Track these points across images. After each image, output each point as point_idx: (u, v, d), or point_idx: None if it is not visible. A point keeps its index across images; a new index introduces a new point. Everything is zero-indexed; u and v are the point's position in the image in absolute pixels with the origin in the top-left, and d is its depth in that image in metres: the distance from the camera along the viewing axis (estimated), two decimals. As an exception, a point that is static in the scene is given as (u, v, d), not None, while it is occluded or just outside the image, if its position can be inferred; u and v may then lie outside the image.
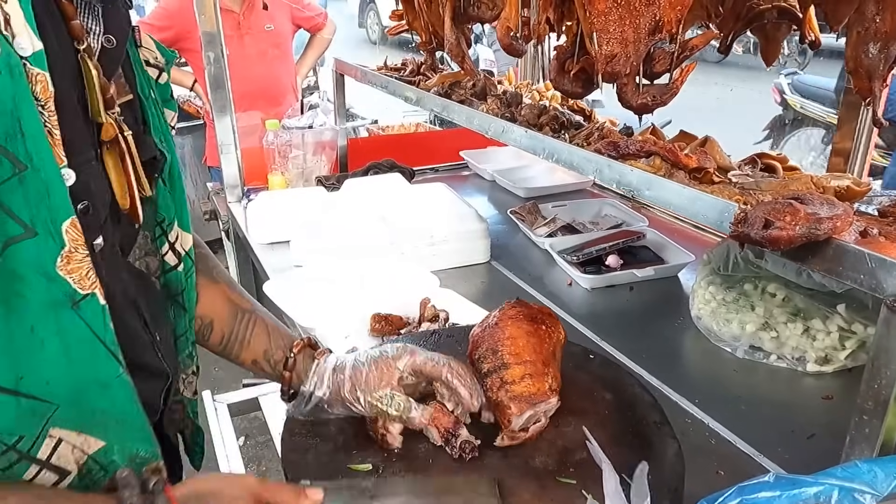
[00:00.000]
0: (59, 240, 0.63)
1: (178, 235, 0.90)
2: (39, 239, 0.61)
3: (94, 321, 0.67)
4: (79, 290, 0.65)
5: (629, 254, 1.87)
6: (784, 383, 1.38)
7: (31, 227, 0.60)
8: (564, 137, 1.49)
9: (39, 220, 0.61)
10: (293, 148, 2.36)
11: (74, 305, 0.65)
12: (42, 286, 0.62)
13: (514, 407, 0.95)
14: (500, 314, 1.07)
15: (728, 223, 0.85)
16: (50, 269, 0.63)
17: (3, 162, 0.58)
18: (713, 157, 1.27)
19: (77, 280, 0.65)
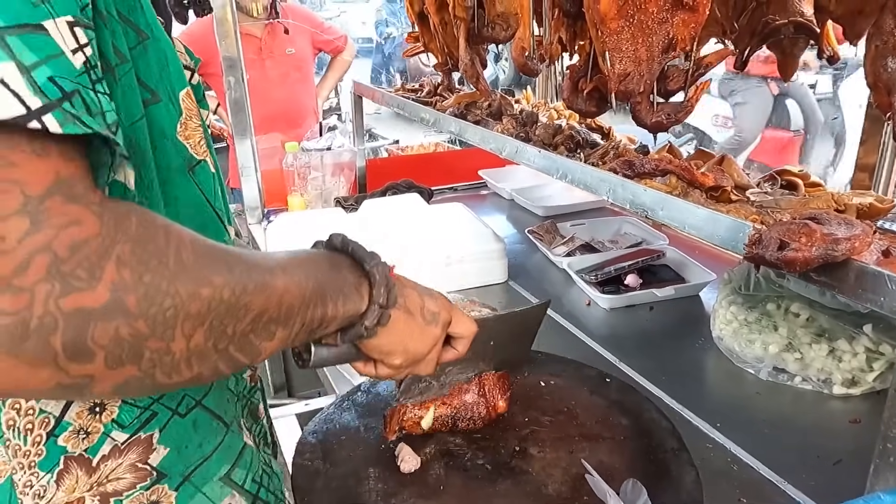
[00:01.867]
0: (177, 106, 0.67)
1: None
2: (162, 105, 0.65)
3: (206, 186, 0.71)
4: (194, 156, 0.69)
5: (649, 273, 1.84)
6: (809, 406, 1.34)
7: (156, 92, 0.64)
8: (579, 157, 1.48)
9: (161, 87, 0.65)
10: (312, 169, 2.38)
11: (190, 171, 0.69)
12: (168, 149, 0.67)
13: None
14: None
15: (742, 244, 0.83)
16: (172, 134, 0.67)
17: (129, 31, 0.61)
18: (731, 175, 1.25)
19: (192, 146, 0.69)
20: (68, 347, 0.43)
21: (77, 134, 0.45)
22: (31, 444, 0.65)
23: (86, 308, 0.43)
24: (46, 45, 0.45)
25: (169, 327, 0.48)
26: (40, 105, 0.43)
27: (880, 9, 1.08)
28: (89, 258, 0.44)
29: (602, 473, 0.95)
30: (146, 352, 0.47)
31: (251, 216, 2.45)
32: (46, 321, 0.42)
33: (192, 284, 0.49)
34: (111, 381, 0.47)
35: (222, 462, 0.76)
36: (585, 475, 0.90)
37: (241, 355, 0.56)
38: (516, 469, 0.97)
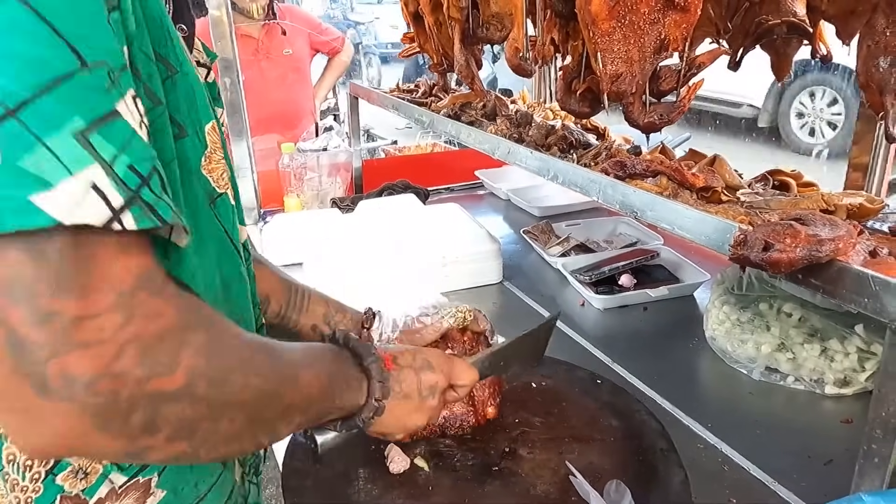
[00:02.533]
0: (203, 140, 0.67)
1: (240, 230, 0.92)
2: (189, 139, 0.65)
3: (226, 219, 0.71)
4: (216, 189, 0.69)
5: (643, 273, 1.84)
6: (801, 406, 1.34)
7: (184, 127, 0.64)
8: (572, 157, 1.48)
9: (189, 121, 0.65)
10: (308, 170, 2.38)
11: (212, 203, 0.69)
12: (193, 183, 0.66)
13: None
14: None
15: (729, 245, 0.83)
16: (197, 167, 0.67)
17: (161, 67, 0.60)
18: (722, 176, 1.25)
19: (215, 179, 0.69)
20: (143, 423, 0.49)
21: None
22: (30, 481, 0.64)
23: (164, 391, 0.49)
24: (122, 131, 0.48)
25: (223, 410, 0.55)
26: (122, 203, 0.47)
27: (872, 8, 1.09)
28: (171, 346, 0.50)
29: (591, 475, 0.95)
30: (199, 430, 0.53)
31: (247, 217, 2.44)
32: (133, 402, 0.48)
33: (247, 374, 0.56)
34: (165, 452, 0.52)
35: (215, 500, 0.75)
36: (570, 477, 0.90)
37: (265, 438, 0.65)
38: (505, 470, 0.98)
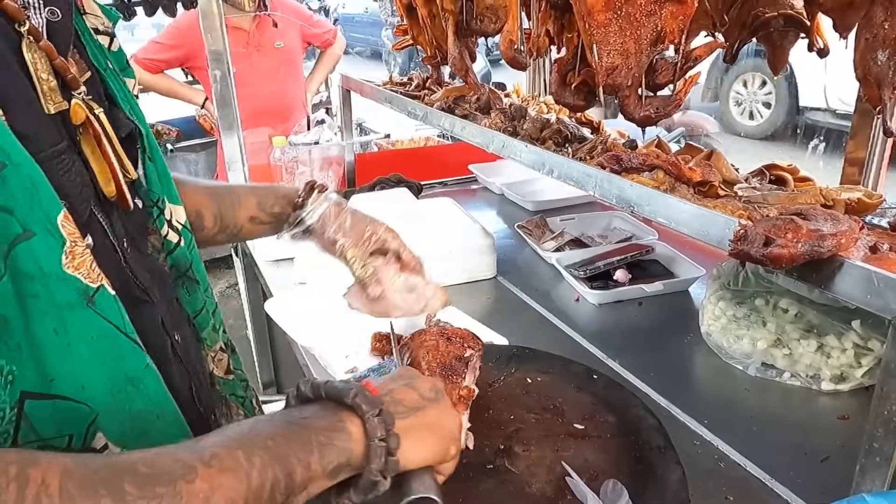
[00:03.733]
0: (58, 236, 0.58)
1: (172, 211, 0.85)
2: (38, 239, 0.57)
3: (111, 313, 0.63)
4: (90, 285, 0.61)
5: (638, 268, 1.83)
6: (798, 402, 1.33)
7: (27, 228, 0.56)
8: (567, 151, 1.47)
9: (33, 218, 0.56)
10: (300, 164, 2.36)
11: (90, 302, 0.61)
12: (54, 287, 0.58)
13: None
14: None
15: (728, 240, 0.82)
16: (57, 268, 0.58)
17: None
18: (719, 170, 1.24)
19: (85, 275, 0.61)
20: None
21: None
22: None
23: None
24: None
25: None
26: None
27: (870, 1, 1.07)
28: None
29: (587, 472, 0.94)
30: None
31: (239, 211, 2.42)
32: None
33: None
34: None
35: None
36: (566, 477, 0.89)
37: None
38: (500, 468, 0.96)
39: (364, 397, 0.63)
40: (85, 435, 0.61)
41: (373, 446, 0.62)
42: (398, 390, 0.71)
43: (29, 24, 0.61)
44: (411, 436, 0.66)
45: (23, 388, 0.56)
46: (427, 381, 0.75)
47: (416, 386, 0.72)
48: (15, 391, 0.56)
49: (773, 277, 1.44)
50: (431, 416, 0.70)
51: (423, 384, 0.73)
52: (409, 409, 0.68)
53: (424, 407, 0.70)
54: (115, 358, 0.63)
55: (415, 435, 0.67)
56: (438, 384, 0.76)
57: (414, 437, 0.66)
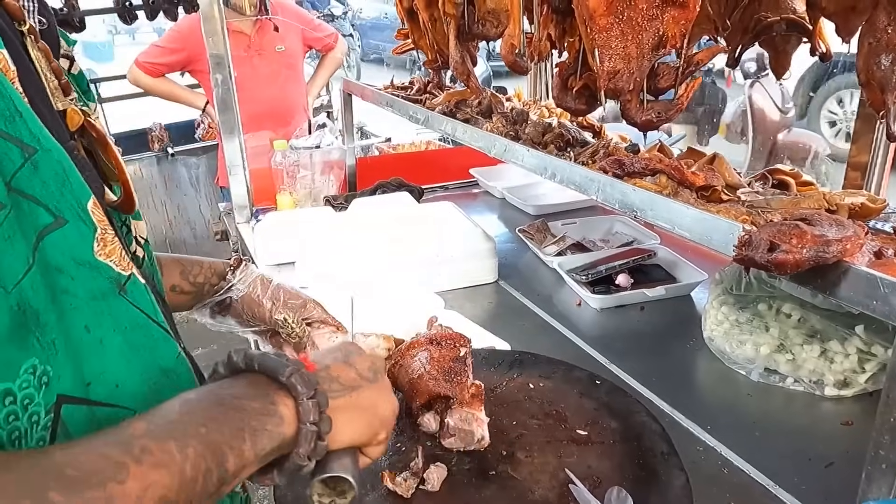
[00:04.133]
0: (90, 222, 0.57)
1: (135, 226, 0.82)
2: (70, 226, 0.55)
3: (143, 302, 0.61)
4: (122, 273, 0.59)
5: (640, 272, 1.83)
6: (801, 408, 1.33)
7: (59, 215, 0.54)
8: (569, 155, 1.46)
9: (65, 205, 0.55)
10: (301, 168, 2.36)
11: (121, 290, 0.59)
12: (86, 277, 0.56)
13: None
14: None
15: (733, 246, 0.81)
16: (89, 256, 0.57)
17: (11, 148, 0.51)
18: (721, 175, 1.23)
19: (117, 262, 0.59)
20: None
21: None
22: None
23: None
24: None
25: None
26: None
27: (873, 6, 1.07)
28: None
29: (590, 479, 0.93)
30: None
31: (239, 215, 2.42)
32: None
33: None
34: None
35: None
36: (569, 485, 0.88)
37: None
38: (503, 474, 0.96)
39: (300, 377, 0.59)
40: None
41: (304, 430, 0.58)
42: (335, 366, 0.67)
43: (29, 24, 0.62)
44: (343, 416, 0.63)
45: (59, 391, 0.54)
46: (366, 359, 0.70)
47: (355, 362, 0.68)
48: (51, 394, 0.53)
49: (775, 282, 1.43)
50: (366, 396, 0.67)
51: (363, 362, 0.69)
52: (345, 388, 0.65)
53: (360, 387, 0.67)
54: (149, 349, 0.62)
55: (346, 415, 0.64)
56: (378, 363, 0.71)
57: (345, 417, 0.63)
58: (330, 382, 0.64)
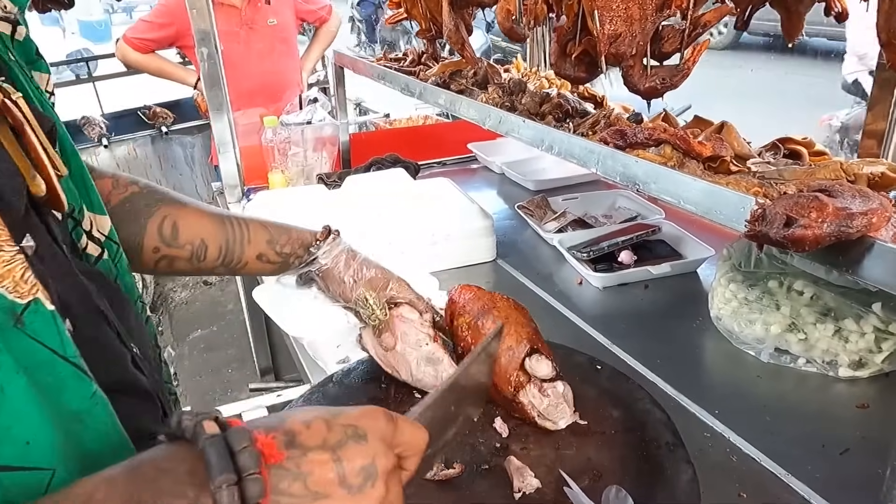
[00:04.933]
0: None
1: (92, 220, 0.73)
2: None
3: (45, 334, 0.51)
4: (17, 302, 0.49)
5: (644, 249, 1.75)
6: (813, 390, 1.26)
7: None
8: (568, 127, 1.38)
9: None
10: (293, 145, 2.28)
11: (18, 322, 0.49)
12: None
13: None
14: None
15: (745, 220, 0.74)
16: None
17: None
18: (730, 144, 1.16)
19: (11, 288, 0.49)
20: None
21: None
22: None
23: None
24: None
25: None
26: None
27: (895, -43, 0.98)
28: None
29: (590, 473, 0.87)
30: None
31: (230, 195, 2.35)
32: None
33: None
34: None
35: None
36: (564, 488, 0.82)
37: None
38: (496, 468, 0.89)
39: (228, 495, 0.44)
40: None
41: None
42: (314, 457, 0.48)
43: None
44: None
45: None
46: (367, 455, 0.50)
47: (347, 457, 0.49)
48: None
49: (787, 258, 1.36)
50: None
51: (359, 458, 0.49)
52: (309, 494, 0.47)
53: (331, 496, 0.48)
54: (55, 391, 0.51)
55: None
56: (381, 464, 0.50)
57: None
58: (293, 480, 0.47)
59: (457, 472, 0.87)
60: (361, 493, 0.48)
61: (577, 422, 0.96)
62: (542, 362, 0.95)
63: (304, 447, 0.48)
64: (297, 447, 0.48)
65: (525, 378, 0.94)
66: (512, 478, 0.86)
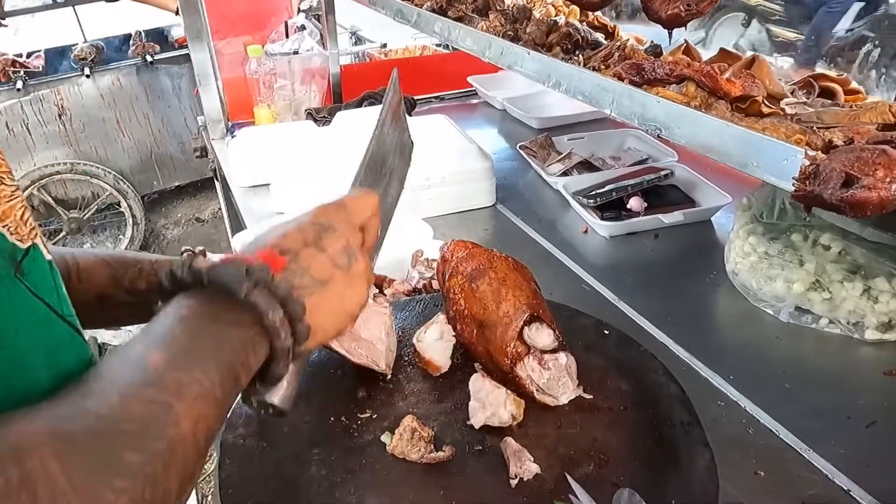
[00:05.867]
0: None
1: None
2: None
3: (43, 285, 0.48)
4: (17, 245, 0.46)
5: (655, 194, 1.63)
6: (837, 354, 1.17)
7: None
8: (578, 60, 1.24)
9: None
10: (279, 77, 2.12)
11: (17, 270, 0.45)
12: None
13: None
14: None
15: (793, 177, 0.62)
16: None
17: None
18: (762, 82, 1.02)
19: (13, 228, 0.46)
20: None
21: None
22: None
23: None
24: None
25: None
26: None
27: None
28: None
29: (595, 458, 0.78)
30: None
31: (213, 131, 2.20)
32: None
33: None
34: None
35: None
36: (569, 495, 0.72)
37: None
38: (490, 449, 0.80)
39: (262, 292, 0.50)
40: None
41: (277, 346, 0.51)
42: (306, 253, 0.56)
43: None
44: (313, 318, 0.54)
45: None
46: (341, 238, 0.59)
47: (328, 245, 0.57)
48: None
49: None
50: (337, 290, 0.57)
51: (336, 242, 0.58)
52: (316, 283, 0.55)
53: (332, 279, 0.57)
54: (51, 348, 0.48)
55: (317, 315, 0.55)
56: (353, 241, 0.60)
57: (316, 318, 0.54)
58: (301, 276, 0.55)
59: (447, 455, 0.77)
60: (350, 268, 0.58)
61: (581, 395, 0.86)
62: (543, 331, 0.85)
63: (293, 251, 0.55)
64: (288, 252, 0.55)
65: (524, 349, 0.84)
66: (508, 462, 0.76)
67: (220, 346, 0.48)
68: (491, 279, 0.90)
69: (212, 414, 0.46)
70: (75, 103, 3.94)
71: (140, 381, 0.43)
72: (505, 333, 0.85)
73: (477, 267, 0.93)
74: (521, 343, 0.84)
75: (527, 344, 0.84)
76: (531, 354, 0.84)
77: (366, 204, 0.64)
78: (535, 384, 0.84)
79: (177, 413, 0.43)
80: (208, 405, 0.45)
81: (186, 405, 0.44)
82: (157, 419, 0.42)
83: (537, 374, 0.83)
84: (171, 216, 4.70)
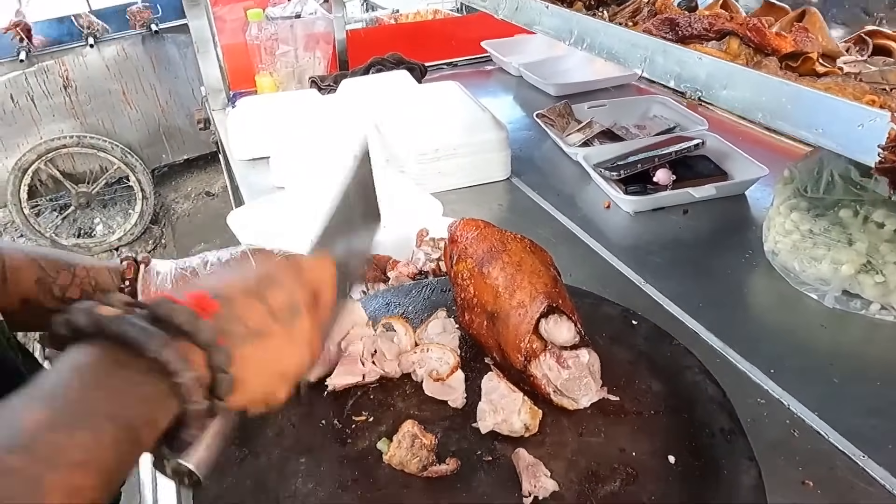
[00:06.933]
0: None
1: None
2: None
3: None
4: None
5: (684, 166, 1.50)
6: (890, 344, 1.05)
7: None
8: (603, 15, 1.11)
9: None
10: (281, 43, 2.00)
11: None
12: None
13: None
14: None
15: (878, 146, 0.50)
16: None
17: None
18: (816, 38, 0.89)
19: None
20: None
21: None
22: None
23: None
24: None
25: None
26: None
27: None
28: None
29: (622, 472, 0.67)
30: None
31: (214, 101, 2.10)
32: None
33: None
34: None
35: None
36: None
37: None
38: (500, 460, 0.70)
39: (175, 347, 0.44)
40: None
41: (189, 410, 0.45)
42: (243, 301, 0.51)
43: None
44: (242, 371, 0.49)
45: None
46: (286, 294, 0.54)
47: (270, 297, 0.53)
48: None
49: (867, 182, 1.11)
50: (274, 345, 0.52)
51: (280, 296, 0.53)
52: (251, 333, 0.50)
53: (270, 333, 0.52)
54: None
55: (247, 370, 0.49)
56: (300, 299, 0.55)
57: (245, 373, 0.49)
58: (233, 323, 0.49)
59: (451, 469, 0.68)
60: (292, 325, 0.53)
61: (605, 397, 0.76)
62: (563, 324, 0.74)
63: (229, 297, 0.51)
64: (224, 297, 0.50)
65: (540, 345, 0.73)
66: (521, 477, 0.66)
67: (118, 402, 0.42)
68: (504, 263, 0.79)
69: (94, 485, 0.39)
70: (80, 74, 3.86)
71: (5, 444, 0.37)
72: (519, 326, 0.74)
73: (489, 249, 0.82)
74: (536, 338, 0.74)
75: (543, 339, 0.74)
76: (548, 351, 0.73)
77: (322, 267, 0.60)
78: (551, 384, 0.73)
79: (46, 486, 0.36)
80: (90, 475, 0.39)
81: (60, 476, 0.37)
82: (17, 495, 0.35)
83: (554, 374, 0.73)
84: (181, 190, 4.62)
